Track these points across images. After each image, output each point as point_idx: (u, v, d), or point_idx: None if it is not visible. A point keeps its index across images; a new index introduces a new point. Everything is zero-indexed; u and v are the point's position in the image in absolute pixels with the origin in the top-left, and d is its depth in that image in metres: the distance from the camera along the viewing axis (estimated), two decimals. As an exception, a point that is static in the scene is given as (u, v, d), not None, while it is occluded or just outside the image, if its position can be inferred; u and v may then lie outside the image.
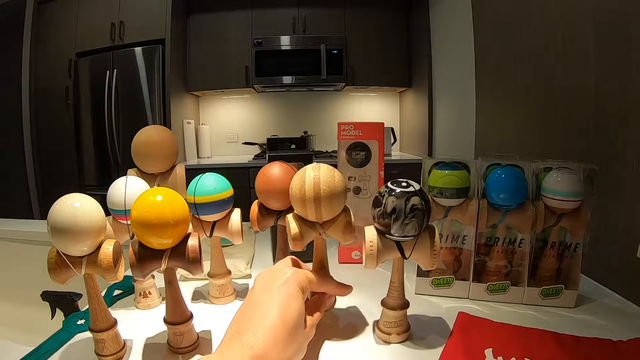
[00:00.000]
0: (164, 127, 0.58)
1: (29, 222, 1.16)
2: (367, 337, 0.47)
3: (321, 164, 0.43)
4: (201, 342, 0.45)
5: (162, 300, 0.57)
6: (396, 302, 0.45)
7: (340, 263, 0.71)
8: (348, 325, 0.50)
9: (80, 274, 0.38)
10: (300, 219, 0.43)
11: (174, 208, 0.38)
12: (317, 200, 0.40)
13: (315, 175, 0.40)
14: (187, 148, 2.80)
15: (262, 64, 2.70)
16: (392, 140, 2.90)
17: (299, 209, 0.42)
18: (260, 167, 0.54)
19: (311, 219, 0.42)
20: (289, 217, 0.44)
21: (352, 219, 0.44)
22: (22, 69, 2.70)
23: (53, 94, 2.67)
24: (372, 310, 0.52)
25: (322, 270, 0.45)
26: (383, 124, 0.69)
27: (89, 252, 0.38)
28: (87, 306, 0.42)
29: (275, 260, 0.61)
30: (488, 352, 0.42)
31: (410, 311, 0.46)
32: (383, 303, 0.46)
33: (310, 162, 0.70)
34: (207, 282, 0.60)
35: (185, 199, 0.41)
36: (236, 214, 0.54)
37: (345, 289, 0.46)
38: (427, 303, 0.56)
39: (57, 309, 0.68)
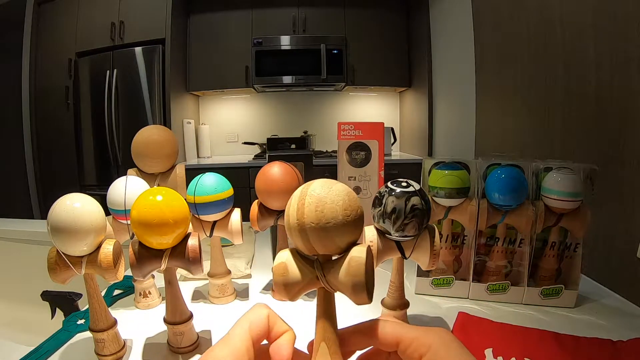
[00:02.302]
0: (164, 127, 0.58)
1: (29, 222, 1.16)
2: (367, 337, 0.47)
3: (333, 182, 0.26)
4: (201, 342, 0.45)
5: (162, 300, 0.57)
6: (396, 302, 0.45)
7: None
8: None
9: (80, 274, 0.39)
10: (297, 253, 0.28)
11: (174, 208, 0.38)
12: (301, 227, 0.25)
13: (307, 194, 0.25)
14: (187, 148, 2.80)
15: (262, 64, 2.70)
16: (392, 140, 2.90)
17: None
18: (260, 167, 0.55)
19: (303, 251, 0.27)
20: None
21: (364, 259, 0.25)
22: (22, 69, 2.70)
23: (53, 94, 2.66)
24: (372, 311, 0.52)
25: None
26: (383, 124, 0.69)
27: (88, 252, 0.38)
28: (87, 306, 0.42)
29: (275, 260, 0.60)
30: (488, 352, 0.42)
31: (410, 311, 0.46)
32: (383, 303, 0.46)
33: (311, 162, 0.70)
34: (207, 282, 0.60)
35: (185, 199, 0.41)
36: (236, 213, 0.54)
37: None
38: (427, 303, 0.56)
39: (57, 309, 0.68)
